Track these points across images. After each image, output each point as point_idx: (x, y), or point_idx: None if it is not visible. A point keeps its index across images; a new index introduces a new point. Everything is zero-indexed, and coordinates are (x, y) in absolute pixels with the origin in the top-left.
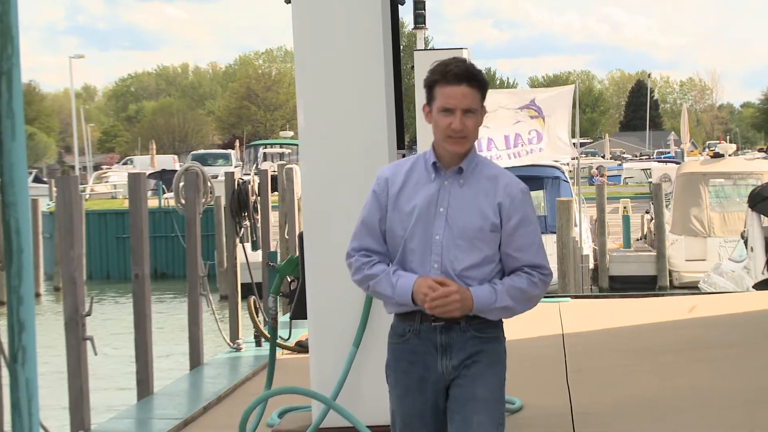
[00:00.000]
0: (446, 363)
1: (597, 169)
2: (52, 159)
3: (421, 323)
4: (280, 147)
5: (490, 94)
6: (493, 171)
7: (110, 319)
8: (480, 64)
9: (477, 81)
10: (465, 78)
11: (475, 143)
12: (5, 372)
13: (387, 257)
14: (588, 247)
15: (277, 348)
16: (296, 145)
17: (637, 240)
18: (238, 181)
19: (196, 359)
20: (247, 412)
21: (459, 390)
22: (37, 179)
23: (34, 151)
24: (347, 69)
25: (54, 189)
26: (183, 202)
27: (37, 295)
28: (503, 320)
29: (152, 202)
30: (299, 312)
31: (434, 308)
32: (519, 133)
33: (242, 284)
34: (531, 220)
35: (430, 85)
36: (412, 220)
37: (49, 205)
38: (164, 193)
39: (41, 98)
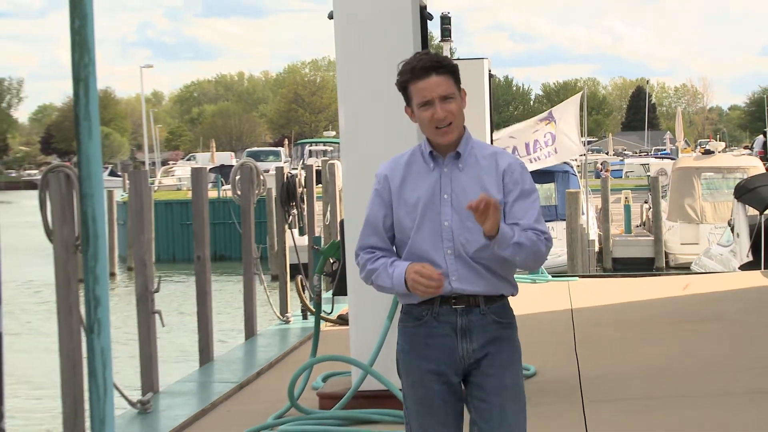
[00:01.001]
0: (466, 346)
1: (602, 164)
2: (125, 156)
3: (440, 306)
4: (324, 145)
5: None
6: (490, 150)
7: (175, 296)
8: (498, 72)
9: (444, 67)
10: (432, 68)
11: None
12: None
13: (392, 253)
14: (594, 233)
15: (321, 321)
16: (338, 143)
17: (637, 226)
18: (286, 175)
19: (250, 330)
20: (295, 377)
21: (488, 379)
22: (113, 173)
23: (110, 148)
24: (383, 76)
25: (127, 182)
26: (239, 193)
27: (113, 274)
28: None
29: (212, 193)
30: (340, 289)
31: (485, 214)
32: (537, 139)
33: (290, 265)
34: (530, 191)
35: (403, 87)
36: (419, 211)
37: (123, 195)
38: (223, 185)
39: (116, 103)
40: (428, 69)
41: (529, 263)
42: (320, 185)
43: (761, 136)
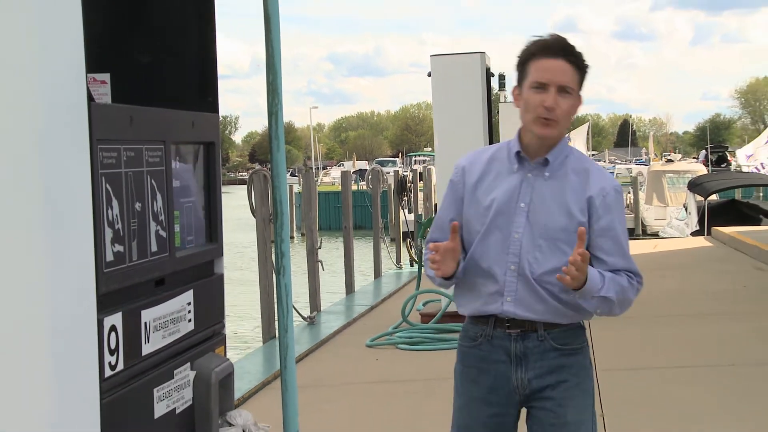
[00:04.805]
0: (521, 375)
1: None
2: (300, 163)
3: (494, 328)
4: (424, 157)
5: None
6: (585, 164)
7: (331, 251)
8: None
9: (576, 57)
10: (563, 52)
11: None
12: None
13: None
14: None
15: (422, 267)
16: (433, 155)
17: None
18: (400, 176)
19: (377, 272)
20: (406, 303)
21: (547, 414)
22: (292, 174)
23: (290, 159)
24: (461, 113)
25: (301, 179)
26: (371, 186)
27: (292, 237)
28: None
29: (354, 187)
30: None
31: (573, 274)
32: None
33: (402, 232)
34: (622, 221)
35: (524, 61)
36: (490, 215)
37: (298, 188)
38: (360, 182)
39: (294, 130)
40: (558, 51)
41: (612, 313)
42: (422, 182)
43: (704, 151)
